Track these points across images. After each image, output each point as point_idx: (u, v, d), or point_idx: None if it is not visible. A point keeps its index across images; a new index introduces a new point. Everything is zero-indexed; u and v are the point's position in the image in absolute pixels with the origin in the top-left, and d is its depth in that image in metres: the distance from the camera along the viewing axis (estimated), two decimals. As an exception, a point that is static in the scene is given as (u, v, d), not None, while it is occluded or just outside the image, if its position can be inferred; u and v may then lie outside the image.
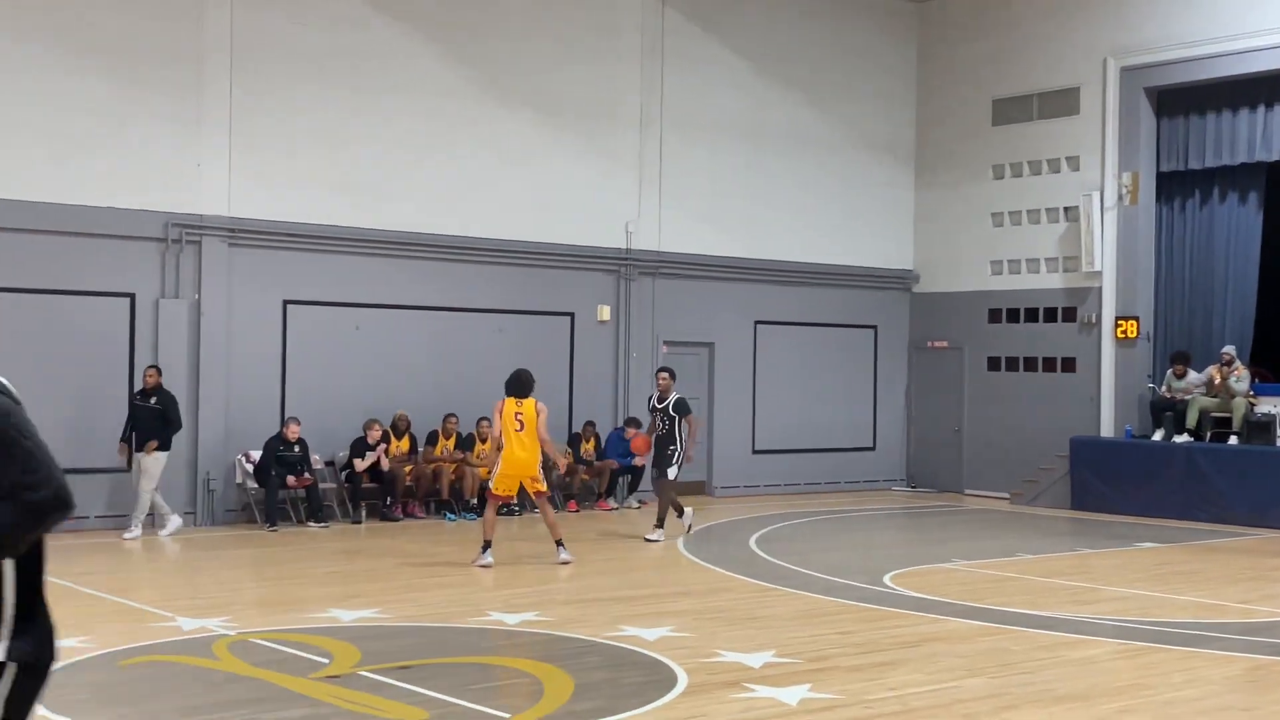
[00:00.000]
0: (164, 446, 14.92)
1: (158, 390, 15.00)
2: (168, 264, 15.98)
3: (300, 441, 16.14)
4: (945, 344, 22.23)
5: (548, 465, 13.91)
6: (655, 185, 19.85)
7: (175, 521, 15.07)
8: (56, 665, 8.00)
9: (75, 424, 14.97)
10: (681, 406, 14.90)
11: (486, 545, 12.88)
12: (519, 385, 13.15)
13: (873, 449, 22.38)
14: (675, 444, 14.81)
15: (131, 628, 9.49)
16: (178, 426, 15.10)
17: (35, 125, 15.08)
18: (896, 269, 22.45)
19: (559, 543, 13.09)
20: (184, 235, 16.00)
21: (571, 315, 19.26)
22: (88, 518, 14.82)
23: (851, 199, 21.93)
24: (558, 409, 18.76)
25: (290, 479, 15.94)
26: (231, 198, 16.32)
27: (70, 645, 8.67)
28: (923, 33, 22.53)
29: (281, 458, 15.96)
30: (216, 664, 8.33)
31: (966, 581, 12.30)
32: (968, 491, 21.51)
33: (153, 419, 14.91)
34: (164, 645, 8.89)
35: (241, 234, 16.40)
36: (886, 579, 12.21)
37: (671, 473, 14.85)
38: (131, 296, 15.81)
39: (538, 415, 12.98)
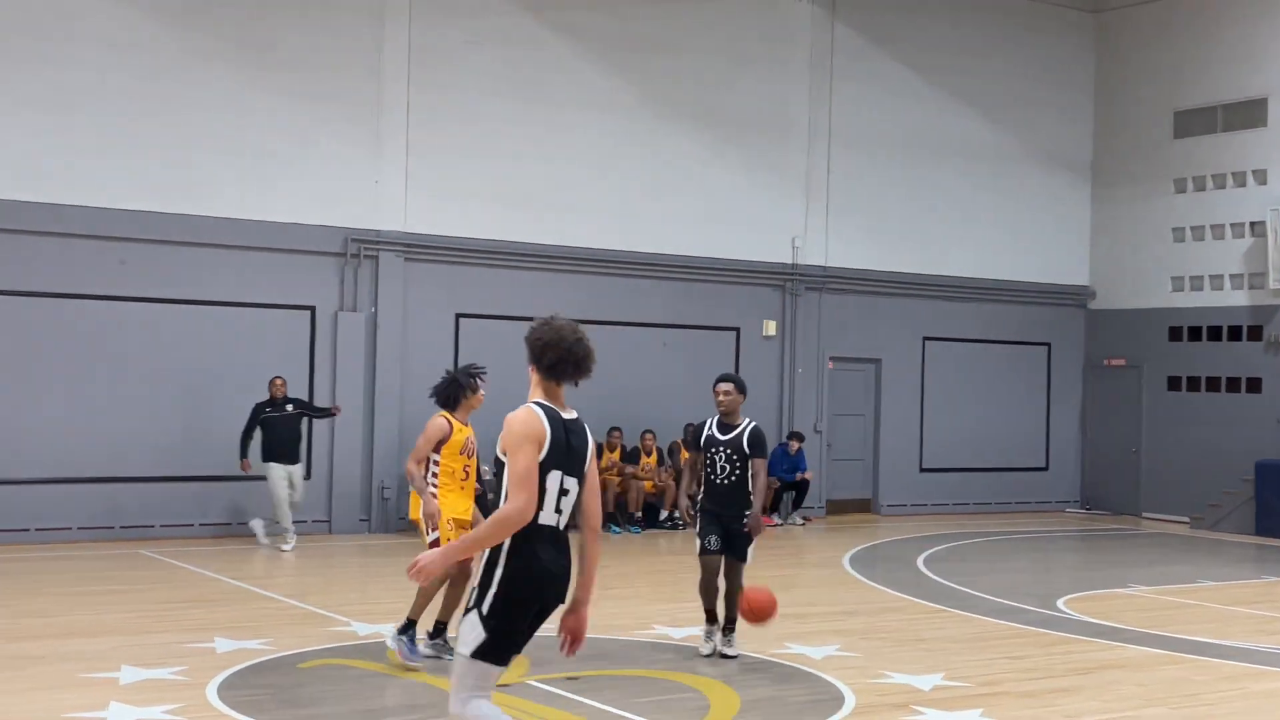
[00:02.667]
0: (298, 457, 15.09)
1: (288, 398, 15.10)
2: (346, 278, 16.46)
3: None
4: (1123, 362, 21.58)
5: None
6: (822, 199, 19.73)
7: (292, 540, 14.95)
8: (240, 666, 8.25)
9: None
10: (758, 441, 9.27)
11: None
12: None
13: (1045, 469, 21.83)
14: (746, 500, 9.19)
15: (310, 631, 9.77)
16: (321, 413, 15.62)
17: (222, 143, 15.69)
18: (1071, 285, 21.88)
19: None
20: (362, 250, 16.46)
21: (737, 330, 19.25)
22: (277, 524, 15.28)
23: (1025, 213, 21.47)
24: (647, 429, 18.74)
25: (460, 489, 16.21)
26: (407, 213, 16.75)
27: (252, 647, 8.99)
28: (1101, 43, 21.95)
29: (452, 469, 16.24)
30: (386, 669, 8.52)
31: (1145, 608, 11.91)
32: (1145, 515, 20.82)
33: (294, 424, 15.09)
34: (340, 649, 9.13)
35: (416, 248, 16.80)
36: (1060, 603, 11.89)
37: (751, 554, 9.33)
38: (312, 309, 16.31)
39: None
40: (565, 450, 5.04)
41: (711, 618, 9.21)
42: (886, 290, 20.28)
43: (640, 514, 17.37)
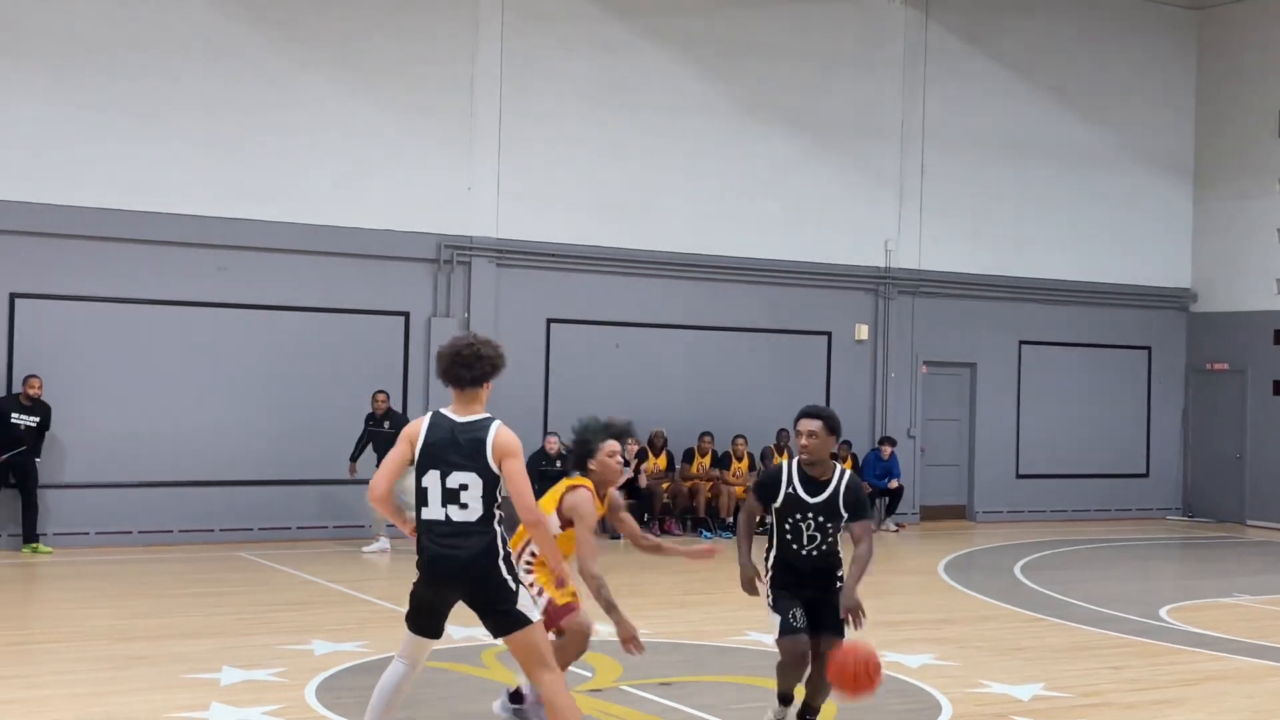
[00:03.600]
0: None
1: (389, 414, 15.27)
2: (439, 284, 16.61)
3: (560, 456, 16.49)
4: (1226, 366, 21.08)
5: None
6: (916, 202, 19.52)
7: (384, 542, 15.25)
8: (339, 668, 8.31)
9: (354, 437, 15.64)
10: (858, 500, 7.01)
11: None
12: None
13: (1146, 476, 21.39)
14: (838, 571, 7.22)
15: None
16: None
17: (319, 151, 15.92)
18: (1172, 287, 21.43)
19: None
20: (455, 256, 16.60)
21: (828, 334, 19.11)
22: (366, 527, 15.46)
23: (1124, 214, 21.06)
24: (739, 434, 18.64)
25: (552, 493, 16.28)
26: (500, 219, 16.86)
27: (350, 649, 9.08)
28: (1203, 41, 21.48)
29: (544, 472, 16.32)
30: (485, 672, 8.56)
31: (1252, 618, 11.61)
32: (1250, 522, 20.31)
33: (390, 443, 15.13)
34: (436, 653, 9.16)
35: (509, 254, 16.90)
36: (1163, 612, 11.62)
37: (849, 633, 7.01)
38: (406, 315, 16.48)
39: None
40: (445, 448, 5.69)
41: (786, 699, 6.99)
42: (981, 293, 20.01)
43: (732, 519, 17.29)
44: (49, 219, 14.63)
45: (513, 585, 5.71)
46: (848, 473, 7.01)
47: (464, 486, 5.67)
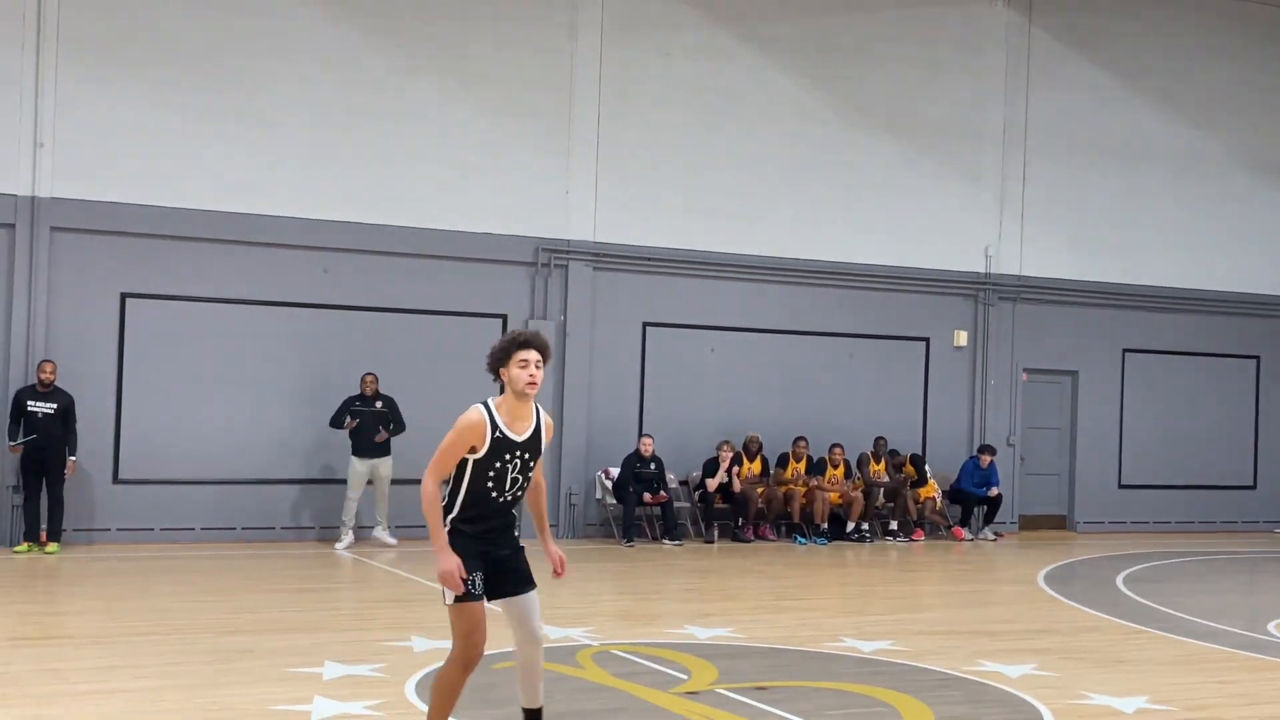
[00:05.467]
0: (386, 450, 15.20)
1: (378, 395, 15.19)
2: (537, 287, 16.73)
3: (655, 459, 16.54)
4: (1338, 376, 20.53)
5: None
6: (1017, 208, 19.27)
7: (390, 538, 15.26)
8: (438, 664, 8.35)
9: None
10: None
11: None
12: None
13: (1253, 488, 20.90)
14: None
15: (503, 634, 9.89)
16: (402, 428, 15.27)
17: (420, 155, 16.13)
18: (1282, 295, 20.93)
19: None
20: (552, 260, 16.71)
21: (926, 340, 18.93)
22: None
23: (1232, 221, 20.61)
24: (910, 435, 18.53)
25: (646, 496, 16.35)
26: (597, 223, 16.94)
27: (448, 647, 9.16)
28: (1316, 42, 20.95)
29: (638, 474, 16.39)
30: (581, 672, 8.60)
31: (1365, 635, 11.26)
32: (1362, 537, 19.74)
33: (377, 422, 15.10)
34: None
35: (605, 258, 16.98)
36: (1271, 626, 11.34)
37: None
38: (504, 318, 16.63)
39: None
40: None
41: None
42: (1084, 300, 19.69)
43: (825, 525, 17.21)
44: (159, 221, 15.00)
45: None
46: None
47: None
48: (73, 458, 14.11)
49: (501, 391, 6.16)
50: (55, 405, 14.08)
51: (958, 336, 19.07)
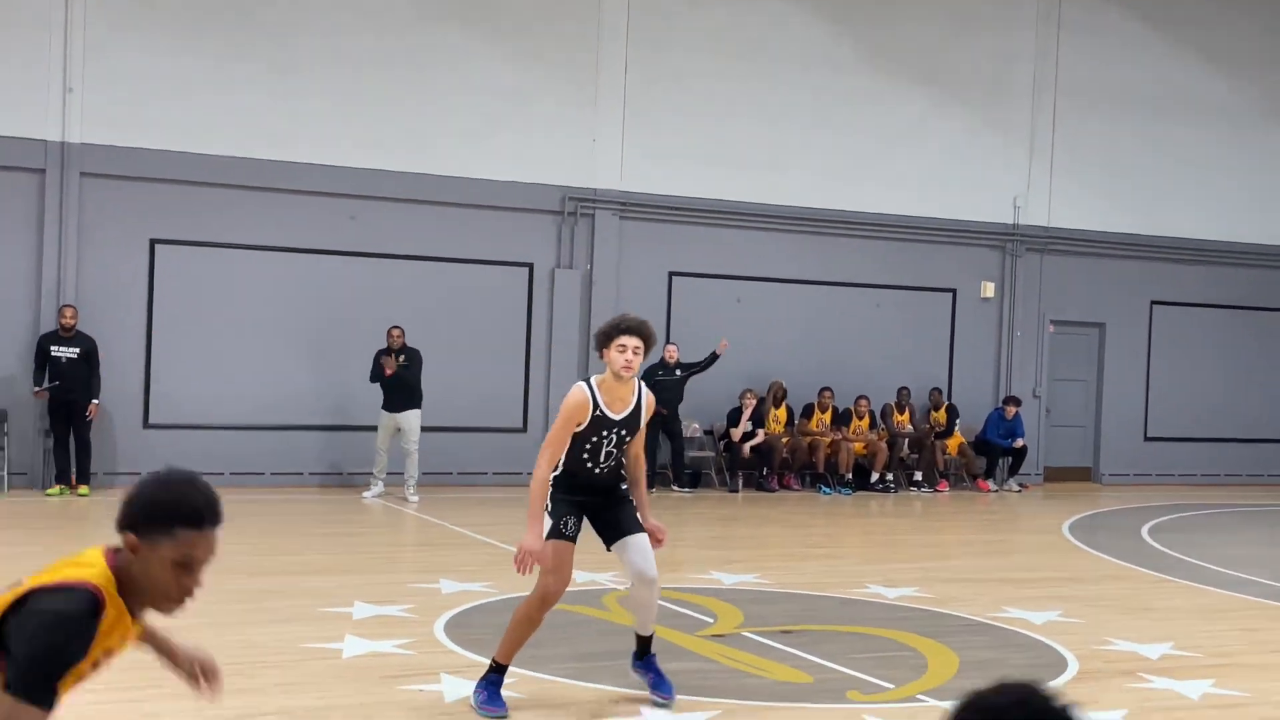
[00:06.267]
0: (418, 403, 14.95)
1: (404, 348, 14.96)
2: (563, 235, 16.73)
3: (679, 364, 16.54)
4: (1368, 330, 20.38)
5: None
6: (1046, 158, 19.14)
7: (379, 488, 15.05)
8: (465, 606, 8.45)
9: (476, 385, 15.91)
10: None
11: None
12: None
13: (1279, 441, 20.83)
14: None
15: (530, 578, 10.00)
16: (416, 379, 14.89)
17: (447, 102, 16.09)
18: (1313, 248, 20.75)
19: None
20: (579, 208, 16.70)
21: (954, 291, 18.87)
22: (485, 474, 15.75)
23: (1263, 171, 20.42)
24: (936, 386, 18.51)
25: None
26: (624, 171, 16.91)
27: (475, 589, 9.28)
28: (1353, -10, 20.65)
29: (660, 382, 16.30)
30: (606, 614, 8.68)
31: (1391, 586, 11.26)
32: (1390, 491, 19.66)
33: (402, 375, 14.84)
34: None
35: (632, 207, 16.96)
36: (1297, 578, 11.34)
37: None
38: (529, 266, 16.65)
39: None
40: None
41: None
42: (1113, 252, 19.58)
43: (850, 475, 17.24)
44: (188, 167, 15.03)
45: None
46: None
47: None
48: (96, 401, 14.23)
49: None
50: (78, 349, 14.19)
51: (985, 288, 18.99)
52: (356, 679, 6.80)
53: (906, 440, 17.87)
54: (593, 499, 6.40)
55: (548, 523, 6.28)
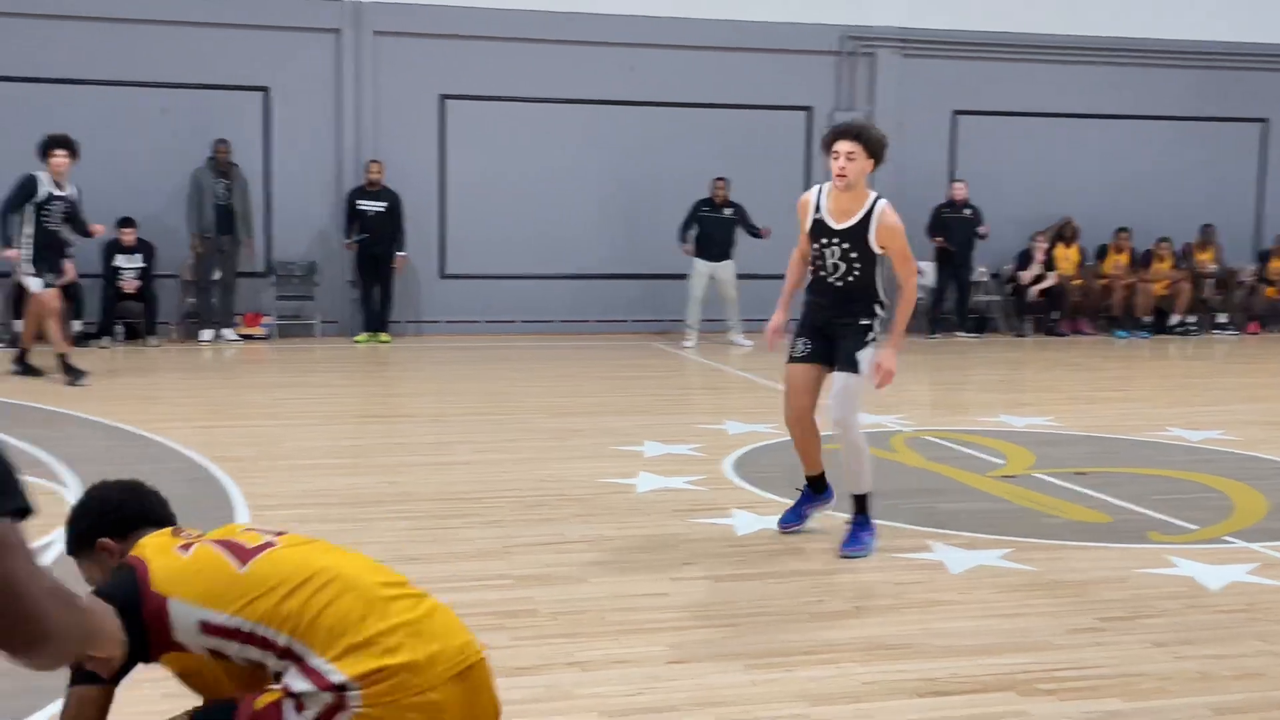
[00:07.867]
0: (727, 254, 14.90)
1: (728, 202, 14.96)
2: (842, 76, 16.37)
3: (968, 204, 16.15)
4: None
5: None
6: (1375, -29, 17.46)
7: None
8: (751, 446, 8.63)
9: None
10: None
11: None
12: None
13: None
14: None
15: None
16: (755, 232, 14.91)
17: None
18: None
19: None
20: (859, 48, 16.28)
21: (1264, 121, 17.62)
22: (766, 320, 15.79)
23: None
24: (1243, 223, 17.43)
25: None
26: (906, 7, 16.34)
27: (761, 430, 9.41)
28: None
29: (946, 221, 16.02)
30: (894, 455, 8.68)
31: None
32: None
33: (727, 229, 14.96)
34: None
35: (914, 44, 16.41)
36: None
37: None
38: (808, 110, 16.39)
39: None
40: None
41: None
42: None
43: (1150, 318, 16.52)
44: (474, 22, 15.35)
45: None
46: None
47: None
48: (402, 254, 14.92)
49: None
50: (385, 204, 14.84)
51: (1299, 116, 17.65)
52: (651, 512, 7.03)
53: (1210, 280, 16.95)
54: (826, 315, 6.29)
55: (789, 341, 6.52)
